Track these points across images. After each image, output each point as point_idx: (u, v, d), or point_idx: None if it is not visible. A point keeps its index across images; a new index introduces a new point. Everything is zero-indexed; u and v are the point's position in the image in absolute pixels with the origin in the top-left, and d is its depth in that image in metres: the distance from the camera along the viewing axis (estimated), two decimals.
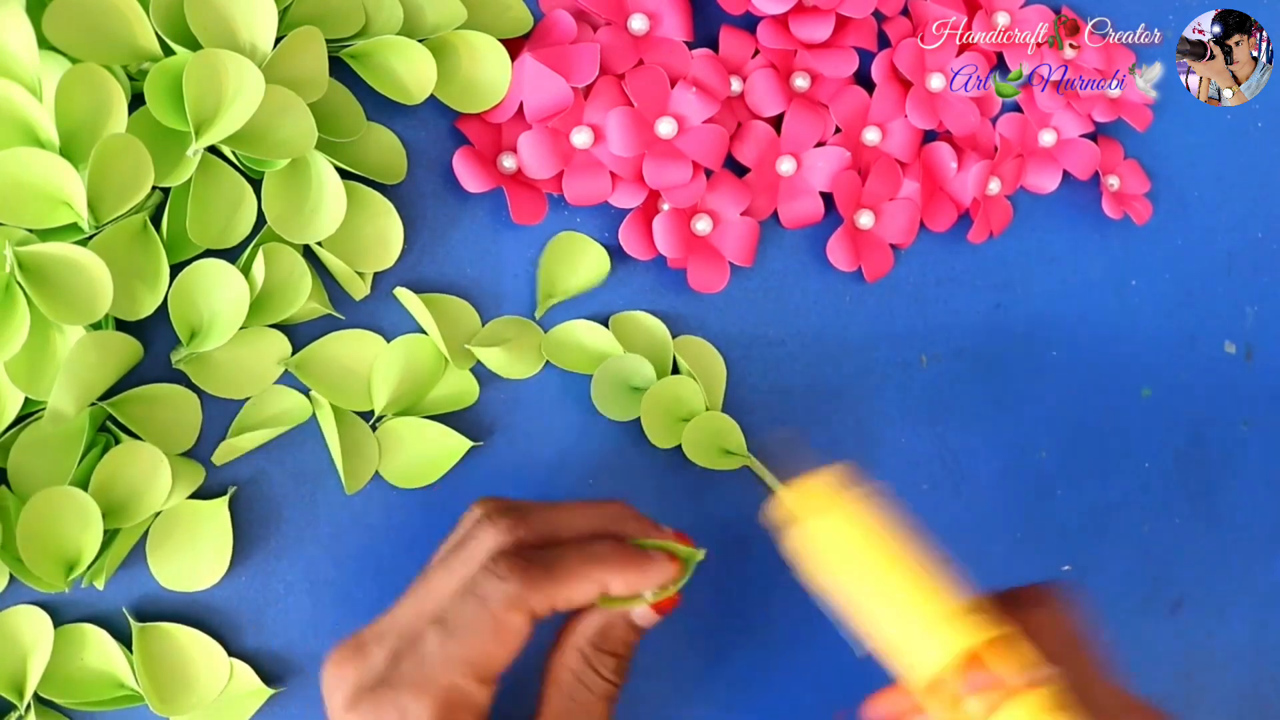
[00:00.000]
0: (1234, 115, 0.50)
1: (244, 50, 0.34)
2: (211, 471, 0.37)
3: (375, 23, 0.37)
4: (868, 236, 0.43)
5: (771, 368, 0.43)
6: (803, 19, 0.41)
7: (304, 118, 0.34)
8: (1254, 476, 0.50)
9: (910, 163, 0.44)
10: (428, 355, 0.39)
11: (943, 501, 0.46)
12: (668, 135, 0.39)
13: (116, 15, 0.33)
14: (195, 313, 0.35)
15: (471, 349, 0.38)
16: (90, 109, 0.32)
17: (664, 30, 0.40)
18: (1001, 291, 0.47)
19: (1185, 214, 0.49)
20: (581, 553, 0.32)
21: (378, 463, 0.38)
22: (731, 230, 0.41)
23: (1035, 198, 0.47)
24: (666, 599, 0.33)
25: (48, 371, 0.33)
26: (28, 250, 0.31)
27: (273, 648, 0.38)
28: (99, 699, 0.36)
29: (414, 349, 0.38)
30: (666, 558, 0.33)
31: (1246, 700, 0.51)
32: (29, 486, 0.34)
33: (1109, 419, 0.48)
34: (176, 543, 0.36)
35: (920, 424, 0.45)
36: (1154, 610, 0.49)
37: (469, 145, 0.39)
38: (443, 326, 0.38)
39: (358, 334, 0.38)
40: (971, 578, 0.37)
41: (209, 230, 0.35)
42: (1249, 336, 0.50)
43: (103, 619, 0.36)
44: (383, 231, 0.38)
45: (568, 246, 0.41)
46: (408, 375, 0.38)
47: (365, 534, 0.39)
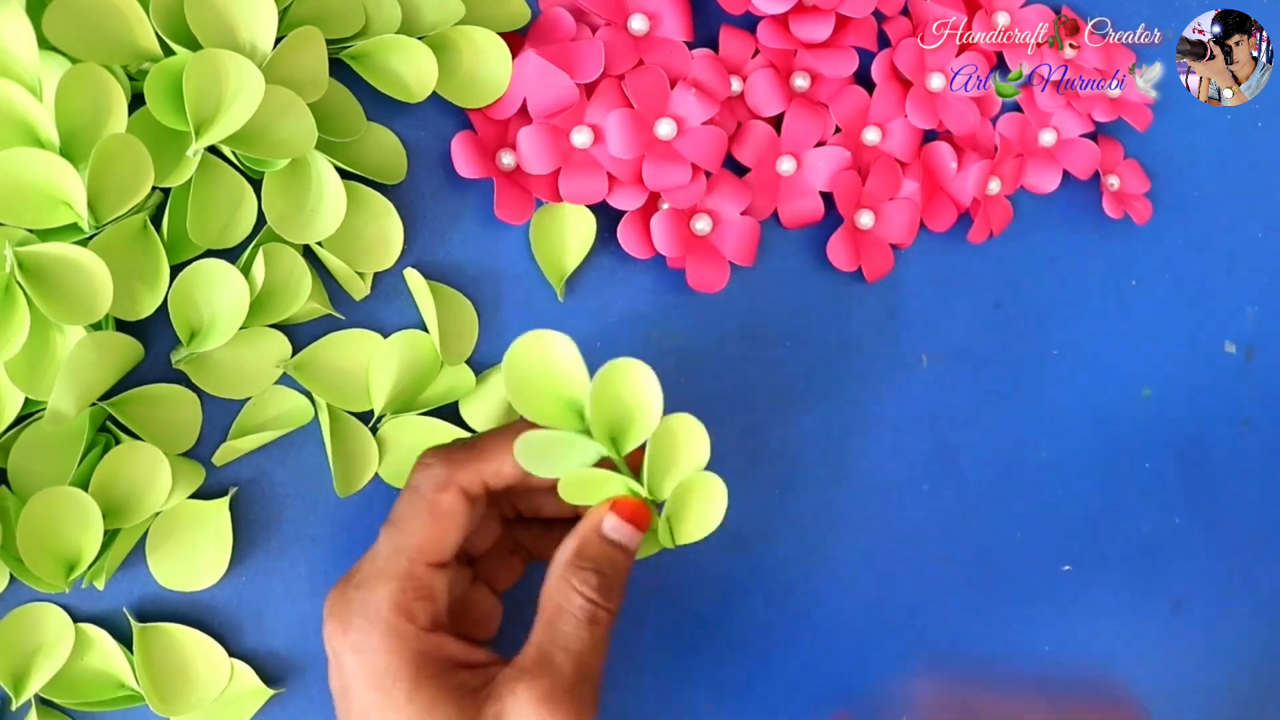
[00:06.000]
0: (1234, 115, 0.50)
1: (244, 50, 0.34)
2: (212, 472, 0.37)
3: (375, 22, 0.37)
4: (868, 236, 0.43)
5: (771, 368, 0.43)
6: (803, 19, 0.41)
7: (304, 118, 0.34)
8: (1254, 476, 0.50)
9: (910, 163, 0.44)
10: (425, 350, 0.39)
11: (943, 501, 0.46)
12: (667, 136, 0.39)
13: (116, 15, 0.33)
14: (195, 313, 0.35)
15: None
16: (90, 109, 0.32)
17: (664, 30, 0.40)
18: (1001, 291, 0.47)
19: (1185, 214, 0.49)
20: (502, 430, 0.35)
21: (376, 465, 0.38)
22: (731, 230, 0.41)
23: (1035, 198, 0.47)
24: (630, 504, 0.34)
25: (48, 371, 0.33)
26: (28, 250, 0.31)
27: (273, 648, 0.38)
28: (99, 699, 0.36)
29: (411, 344, 0.38)
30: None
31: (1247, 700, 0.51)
32: (29, 486, 0.34)
33: (1109, 419, 0.48)
34: (176, 543, 0.36)
35: (920, 424, 0.45)
36: (1154, 610, 0.49)
37: (471, 131, 0.39)
38: (442, 320, 0.38)
39: (358, 334, 0.38)
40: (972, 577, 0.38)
41: (209, 230, 0.35)
42: (1249, 336, 0.50)
43: (103, 619, 0.36)
44: (383, 231, 0.38)
45: (551, 220, 0.40)
46: (405, 371, 0.38)
47: (366, 534, 0.39)
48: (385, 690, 0.31)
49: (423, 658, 0.32)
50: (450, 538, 0.33)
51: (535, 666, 0.32)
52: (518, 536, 0.38)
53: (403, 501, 0.34)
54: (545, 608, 0.33)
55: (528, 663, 0.32)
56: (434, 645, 0.32)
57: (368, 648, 0.32)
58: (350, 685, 0.32)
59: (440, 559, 0.33)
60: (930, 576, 0.45)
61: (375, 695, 0.31)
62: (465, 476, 0.33)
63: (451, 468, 0.34)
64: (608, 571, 0.34)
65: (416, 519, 0.33)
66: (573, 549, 0.34)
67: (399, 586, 0.32)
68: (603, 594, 0.33)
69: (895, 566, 0.45)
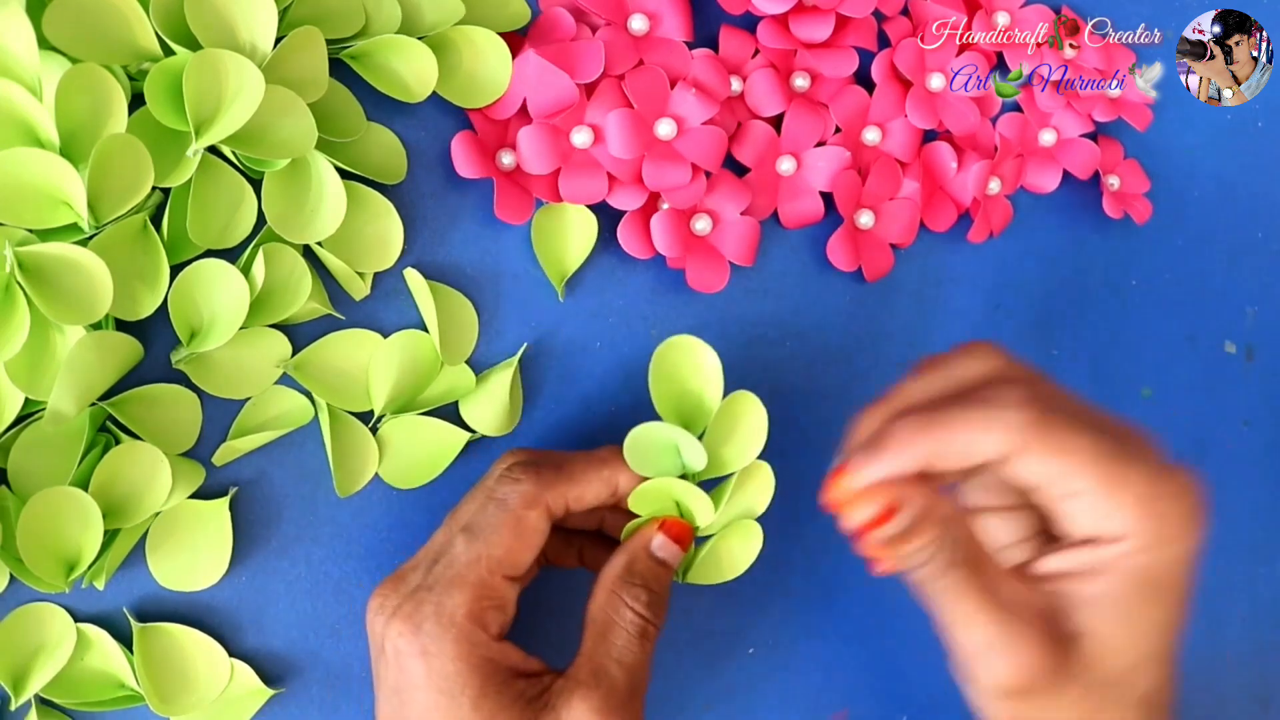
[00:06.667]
0: (1234, 115, 0.50)
1: (244, 50, 0.34)
2: (212, 472, 0.37)
3: (375, 22, 0.37)
4: (868, 236, 0.43)
5: (771, 368, 0.43)
6: (803, 19, 0.41)
7: (304, 118, 0.34)
8: (1254, 476, 0.50)
9: (910, 163, 0.44)
10: (425, 350, 0.39)
11: None
12: (667, 137, 0.39)
13: (116, 15, 0.33)
14: (195, 313, 0.35)
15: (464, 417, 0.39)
16: (90, 109, 0.32)
17: (664, 30, 0.40)
18: (1001, 291, 0.47)
19: (1185, 214, 0.49)
20: (589, 456, 0.35)
21: (376, 465, 0.38)
22: (731, 230, 0.41)
23: (1035, 198, 0.47)
24: (677, 524, 0.35)
25: (48, 371, 0.33)
26: (28, 250, 0.31)
27: (273, 648, 0.38)
28: (99, 699, 0.36)
29: (411, 344, 0.38)
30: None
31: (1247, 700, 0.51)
32: (29, 486, 0.34)
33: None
34: (176, 543, 0.36)
35: None
36: None
37: (471, 131, 0.39)
38: (442, 320, 0.38)
39: (357, 334, 0.38)
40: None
41: (209, 230, 0.35)
42: (1249, 336, 0.50)
43: (103, 619, 0.36)
44: (383, 231, 0.38)
45: (553, 220, 0.40)
46: (405, 371, 0.38)
47: (366, 534, 0.39)
48: (452, 695, 0.32)
49: (490, 665, 0.32)
50: (529, 554, 0.34)
51: (591, 679, 0.33)
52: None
53: (486, 511, 0.34)
54: (596, 620, 0.34)
55: (583, 675, 0.33)
56: (501, 654, 0.33)
57: (439, 652, 0.32)
58: (412, 686, 0.32)
59: (517, 573, 0.34)
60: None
61: (440, 699, 0.32)
62: (552, 497, 0.34)
63: (540, 487, 0.34)
64: (655, 588, 0.34)
65: (500, 533, 0.33)
66: (623, 565, 0.34)
67: (476, 594, 0.32)
68: (652, 610, 0.34)
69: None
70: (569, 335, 0.41)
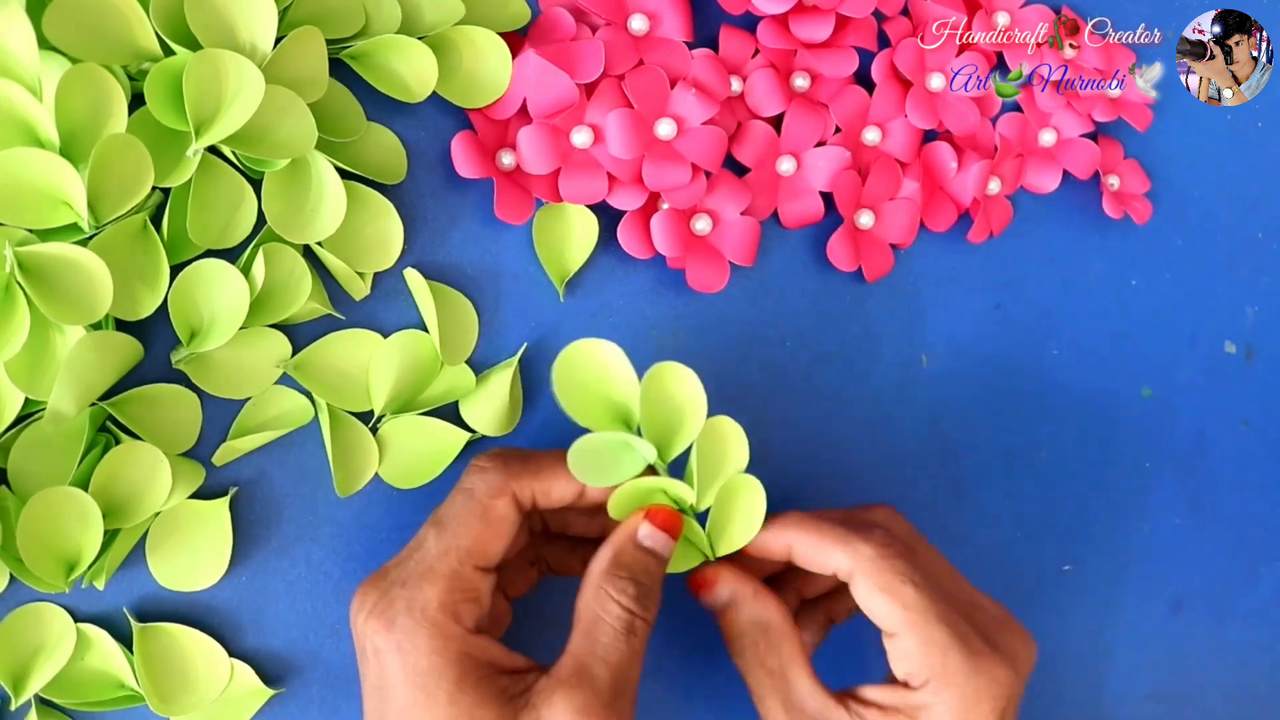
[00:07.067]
0: (1234, 115, 0.50)
1: (244, 50, 0.34)
2: (212, 472, 0.37)
3: (375, 22, 0.37)
4: (868, 236, 0.43)
5: (771, 368, 0.43)
6: (803, 19, 0.41)
7: (304, 118, 0.34)
8: (1254, 476, 0.50)
9: (910, 163, 0.44)
10: (425, 350, 0.39)
11: (942, 501, 0.46)
12: (667, 137, 0.39)
13: (116, 15, 0.33)
14: (195, 313, 0.35)
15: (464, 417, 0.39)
16: (90, 109, 0.32)
17: (664, 30, 0.40)
18: (1001, 291, 0.47)
19: (1185, 214, 0.49)
20: (557, 452, 0.34)
21: (376, 465, 0.38)
22: (731, 230, 0.41)
23: (1035, 198, 0.47)
24: (664, 512, 0.34)
25: (48, 371, 0.33)
26: (28, 250, 0.31)
27: (273, 648, 0.38)
28: (99, 699, 0.36)
29: (411, 344, 0.38)
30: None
31: (1246, 700, 0.51)
32: (29, 486, 0.34)
33: (1109, 419, 0.48)
34: (176, 543, 0.36)
35: (920, 424, 0.45)
36: (1154, 610, 0.49)
37: (471, 131, 0.39)
38: (442, 320, 0.38)
39: (358, 334, 0.38)
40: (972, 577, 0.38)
41: (209, 230, 0.35)
42: (1249, 336, 0.50)
43: (103, 619, 0.36)
44: (383, 231, 0.38)
45: (554, 220, 0.40)
46: (405, 371, 0.38)
47: (366, 534, 0.39)
48: (428, 690, 0.31)
49: (467, 660, 0.32)
50: (499, 543, 0.33)
51: (573, 677, 0.32)
52: (542, 550, 0.38)
53: (454, 503, 0.34)
54: (582, 617, 0.33)
55: (565, 673, 0.32)
56: (478, 648, 0.32)
57: (413, 647, 0.31)
58: (390, 683, 0.32)
59: (487, 563, 0.33)
60: None
61: (417, 695, 0.31)
62: (519, 487, 0.34)
63: (507, 476, 0.34)
64: (644, 580, 0.34)
65: (469, 521, 0.33)
66: (608, 558, 0.34)
67: (447, 586, 0.32)
68: (640, 603, 0.33)
69: None
70: (569, 335, 0.41)
